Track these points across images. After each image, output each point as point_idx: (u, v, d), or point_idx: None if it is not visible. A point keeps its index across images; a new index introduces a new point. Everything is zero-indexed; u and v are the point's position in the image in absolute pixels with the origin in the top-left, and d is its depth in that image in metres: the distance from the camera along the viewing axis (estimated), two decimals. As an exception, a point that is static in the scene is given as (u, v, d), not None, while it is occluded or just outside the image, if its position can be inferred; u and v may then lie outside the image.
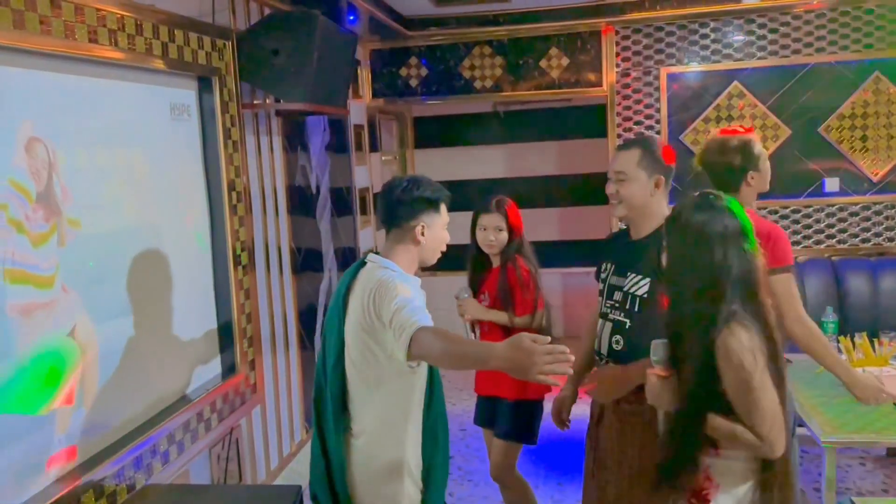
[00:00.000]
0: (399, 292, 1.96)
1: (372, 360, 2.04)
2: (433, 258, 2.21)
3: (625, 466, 2.28)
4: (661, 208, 2.36)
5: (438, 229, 2.17)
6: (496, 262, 3.18)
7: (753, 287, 1.86)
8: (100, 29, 2.37)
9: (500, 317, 3.11)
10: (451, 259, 2.78)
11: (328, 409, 2.11)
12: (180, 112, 2.92)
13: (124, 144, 2.60)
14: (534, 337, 1.70)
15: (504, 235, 3.10)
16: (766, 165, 2.80)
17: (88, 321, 2.35)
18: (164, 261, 2.80)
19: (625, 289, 2.32)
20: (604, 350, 2.40)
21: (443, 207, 2.18)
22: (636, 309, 2.26)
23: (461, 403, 5.25)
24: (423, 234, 2.13)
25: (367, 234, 5.42)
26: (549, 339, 1.70)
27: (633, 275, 2.31)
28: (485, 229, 3.12)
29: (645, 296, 2.24)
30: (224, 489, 2.85)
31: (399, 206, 2.13)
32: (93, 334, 2.37)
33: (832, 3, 4.96)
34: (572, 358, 1.68)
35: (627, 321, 2.30)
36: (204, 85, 3.06)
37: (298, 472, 3.95)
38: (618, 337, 2.34)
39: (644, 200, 2.33)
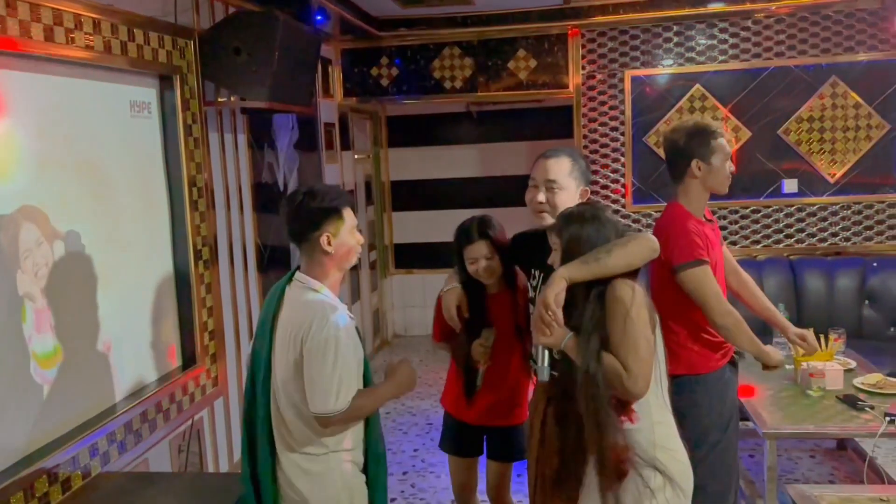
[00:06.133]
0: (326, 361, 2.01)
1: (298, 383, 2.08)
2: (349, 263, 2.19)
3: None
4: None
5: (346, 235, 2.14)
6: (494, 289, 2.80)
7: None
8: (56, 28, 2.43)
9: None
10: (427, 257, 2.77)
11: (257, 426, 2.14)
12: (140, 109, 2.99)
13: (80, 141, 2.66)
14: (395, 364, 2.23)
15: (496, 261, 2.71)
16: (722, 163, 2.66)
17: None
18: (122, 254, 2.86)
19: None
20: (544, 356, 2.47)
21: (346, 212, 2.14)
22: None
23: (409, 421, 5.32)
24: (329, 243, 2.10)
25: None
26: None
27: None
28: (474, 261, 2.71)
29: None
30: (177, 477, 2.91)
31: (299, 221, 2.12)
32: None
33: (791, 9, 5.09)
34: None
35: None
36: (165, 83, 3.13)
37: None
38: None
39: None
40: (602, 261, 2.02)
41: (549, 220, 2.36)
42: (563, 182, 2.38)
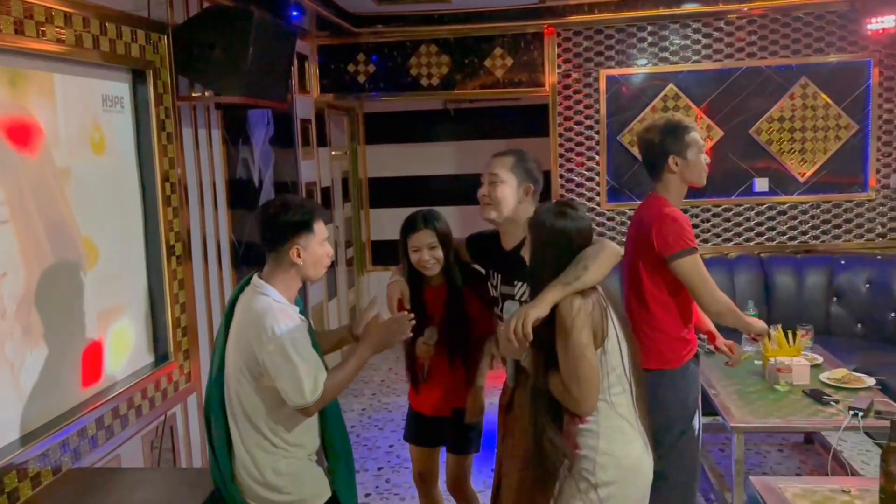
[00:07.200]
0: (288, 362, 2.05)
1: (247, 385, 2.15)
2: (317, 275, 2.24)
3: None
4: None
5: (315, 248, 2.19)
6: (435, 280, 2.83)
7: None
8: (27, 21, 2.41)
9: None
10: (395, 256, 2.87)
11: (212, 423, 2.22)
12: (113, 104, 2.97)
13: (52, 135, 2.64)
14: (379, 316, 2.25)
15: (440, 252, 2.75)
16: (697, 157, 2.74)
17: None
18: (94, 249, 2.85)
19: (516, 297, 2.48)
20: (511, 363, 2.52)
21: (317, 225, 2.19)
22: None
23: (385, 417, 5.35)
24: (298, 255, 2.16)
25: (314, 227, 5.47)
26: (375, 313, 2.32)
27: (519, 283, 2.46)
28: (417, 250, 2.76)
29: None
30: (150, 472, 2.90)
31: (270, 232, 2.17)
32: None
33: (764, 10, 5.17)
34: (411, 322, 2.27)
35: None
36: (138, 77, 3.11)
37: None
38: None
39: (513, 205, 2.46)
40: (582, 279, 2.09)
41: (492, 213, 2.49)
42: (504, 176, 2.48)
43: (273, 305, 2.13)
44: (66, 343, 2.69)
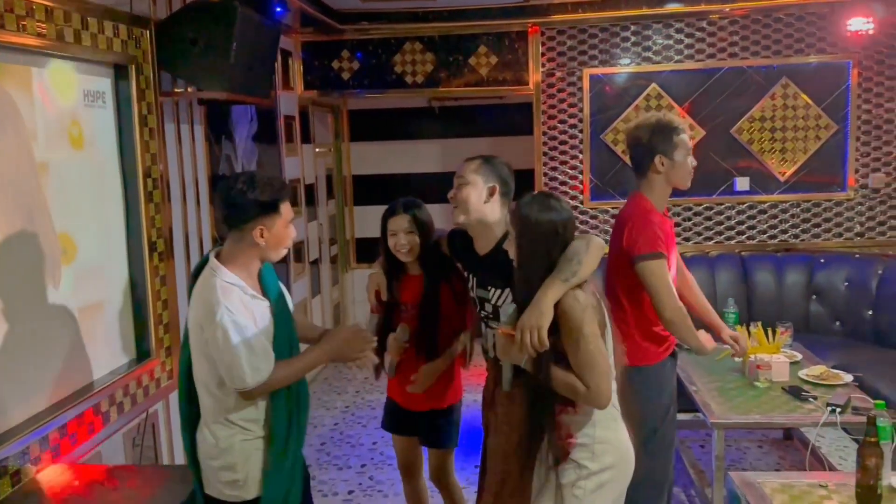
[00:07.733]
0: (228, 345, 2.05)
1: (199, 360, 2.17)
2: (277, 256, 2.20)
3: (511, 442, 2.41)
4: (499, 220, 2.47)
5: (280, 229, 2.13)
6: (413, 270, 2.90)
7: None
8: (7, 15, 2.39)
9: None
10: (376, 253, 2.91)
11: (180, 400, 2.26)
12: (94, 99, 2.95)
13: (32, 130, 2.61)
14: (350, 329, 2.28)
15: (416, 238, 2.81)
16: (684, 159, 2.75)
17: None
18: (76, 245, 2.83)
19: (492, 302, 2.49)
20: (492, 354, 2.53)
21: (283, 206, 2.13)
22: None
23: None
24: (262, 236, 2.10)
25: (297, 224, 5.46)
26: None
27: (493, 289, 2.47)
28: (394, 234, 2.83)
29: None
30: (131, 469, 2.88)
31: (234, 210, 2.09)
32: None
33: (745, 10, 5.22)
34: (374, 343, 2.30)
35: None
36: (120, 72, 3.09)
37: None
38: None
39: (479, 206, 2.44)
40: (578, 274, 2.09)
41: (460, 216, 2.49)
42: (469, 177, 2.48)
43: (221, 288, 2.09)
44: (44, 338, 2.67)
